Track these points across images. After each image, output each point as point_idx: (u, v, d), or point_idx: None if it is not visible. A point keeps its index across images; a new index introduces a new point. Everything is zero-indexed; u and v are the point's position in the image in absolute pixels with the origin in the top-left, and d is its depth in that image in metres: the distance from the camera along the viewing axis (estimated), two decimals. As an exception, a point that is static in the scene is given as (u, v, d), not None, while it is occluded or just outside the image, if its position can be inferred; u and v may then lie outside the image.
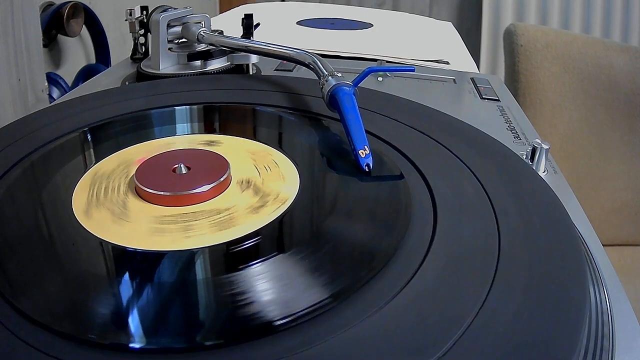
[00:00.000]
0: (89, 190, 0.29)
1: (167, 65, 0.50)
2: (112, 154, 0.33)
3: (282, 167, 0.31)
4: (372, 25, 0.80)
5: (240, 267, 0.23)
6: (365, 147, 0.30)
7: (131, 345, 0.19)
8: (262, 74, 0.53)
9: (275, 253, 0.24)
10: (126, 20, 0.55)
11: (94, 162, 0.32)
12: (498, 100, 0.50)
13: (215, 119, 0.40)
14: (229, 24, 0.63)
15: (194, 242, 0.24)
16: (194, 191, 0.27)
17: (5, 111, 0.64)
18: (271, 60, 0.53)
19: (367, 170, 0.30)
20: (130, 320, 0.20)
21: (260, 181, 0.29)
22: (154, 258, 0.24)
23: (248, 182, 0.29)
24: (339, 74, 0.37)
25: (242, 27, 0.52)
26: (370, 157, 0.30)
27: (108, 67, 0.98)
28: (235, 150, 0.33)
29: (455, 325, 0.19)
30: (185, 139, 0.35)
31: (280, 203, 0.27)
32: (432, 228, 0.25)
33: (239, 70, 0.51)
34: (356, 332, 0.19)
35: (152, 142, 0.34)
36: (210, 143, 0.34)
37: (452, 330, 0.19)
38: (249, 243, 0.24)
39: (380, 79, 0.54)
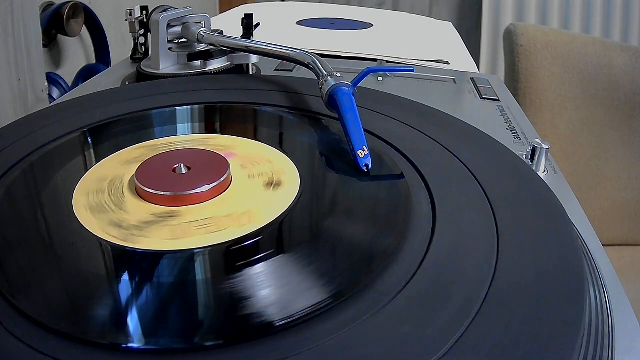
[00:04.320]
0: (89, 190, 0.29)
1: (167, 65, 0.50)
2: (113, 154, 0.33)
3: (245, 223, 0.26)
4: (372, 25, 0.80)
5: (240, 268, 0.23)
6: (364, 147, 0.30)
7: (130, 345, 0.19)
8: (262, 74, 0.53)
9: (275, 254, 0.24)
10: (126, 20, 0.55)
11: (94, 162, 0.32)
12: (498, 100, 0.50)
13: (215, 119, 0.40)
14: (229, 24, 0.63)
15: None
16: (194, 191, 0.27)
17: (5, 111, 0.64)
18: (271, 60, 0.53)
19: (365, 170, 0.30)
20: (129, 320, 0.20)
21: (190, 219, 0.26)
22: (154, 258, 0.24)
23: (169, 216, 0.26)
24: (339, 74, 0.37)
25: (242, 27, 0.52)
26: (369, 157, 0.30)
27: (108, 67, 0.98)
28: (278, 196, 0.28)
29: (454, 326, 0.19)
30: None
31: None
32: (431, 228, 0.25)
33: (239, 70, 0.51)
34: (356, 332, 0.19)
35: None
36: (274, 185, 0.29)
37: (452, 330, 0.19)
38: (248, 244, 0.24)
39: (380, 79, 0.54)
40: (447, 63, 0.61)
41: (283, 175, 0.30)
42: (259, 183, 0.30)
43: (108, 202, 0.28)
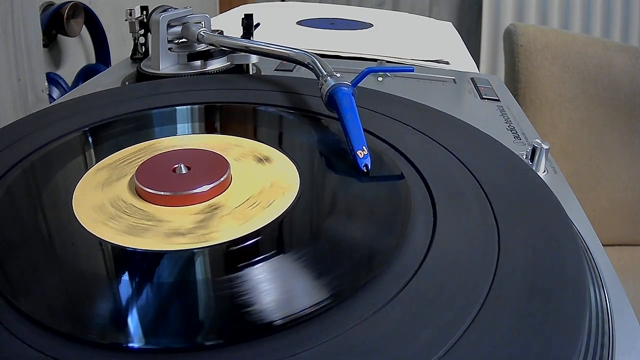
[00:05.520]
0: (89, 189, 0.29)
1: (167, 65, 0.50)
2: (113, 153, 0.33)
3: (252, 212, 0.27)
4: (372, 25, 0.80)
5: (240, 267, 0.23)
6: (364, 147, 0.30)
7: (130, 345, 0.19)
8: (262, 74, 0.53)
9: (275, 254, 0.24)
10: (126, 20, 0.55)
11: (94, 162, 0.32)
12: (498, 100, 0.50)
13: (215, 119, 0.40)
14: (229, 24, 0.63)
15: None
16: (194, 191, 0.27)
17: (5, 111, 0.64)
18: (271, 60, 0.53)
19: (365, 170, 0.30)
20: (129, 320, 0.20)
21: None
22: (154, 258, 0.24)
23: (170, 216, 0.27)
24: (338, 74, 0.37)
25: (242, 27, 0.52)
26: (369, 157, 0.30)
27: (108, 67, 0.98)
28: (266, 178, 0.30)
29: (454, 325, 0.19)
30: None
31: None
32: (431, 229, 0.25)
33: (239, 70, 0.51)
34: (355, 332, 0.19)
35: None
36: (263, 159, 0.32)
37: (452, 330, 0.19)
38: (248, 244, 0.24)
39: (380, 79, 0.54)
40: (447, 63, 0.61)
41: (283, 176, 0.30)
42: (260, 183, 0.30)
43: (108, 202, 0.28)
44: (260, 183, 0.29)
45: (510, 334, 0.19)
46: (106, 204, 0.27)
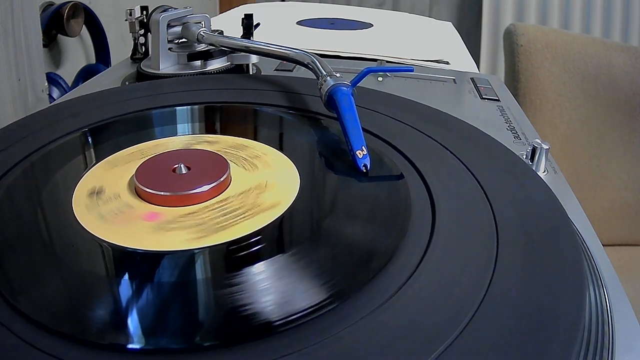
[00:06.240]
0: (89, 190, 0.29)
1: (167, 65, 0.50)
2: (113, 154, 0.33)
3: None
4: (372, 25, 0.80)
5: (240, 267, 0.23)
6: (363, 147, 0.30)
7: (130, 346, 0.19)
8: (262, 74, 0.53)
9: (275, 254, 0.24)
10: (126, 20, 0.55)
11: (94, 162, 0.32)
12: (498, 100, 0.50)
13: (215, 119, 0.40)
14: (229, 24, 0.63)
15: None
16: (194, 191, 0.27)
17: (5, 111, 0.64)
18: (271, 60, 0.53)
19: (364, 170, 0.30)
20: (129, 320, 0.20)
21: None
22: (153, 258, 0.24)
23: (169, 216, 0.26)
24: (338, 74, 0.37)
25: (242, 27, 0.52)
26: (368, 157, 0.30)
27: (108, 67, 0.98)
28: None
29: (453, 324, 0.19)
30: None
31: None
32: (430, 228, 0.25)
33: (239, 70, 0.51)
34: (354, 331, 0.19)
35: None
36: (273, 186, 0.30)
37: (450, 330, 0.19)
38: (248, 244, 0.24)
39: (380, 79, 0.54)
40: (447, 63, 0.61)
41: (282, 176, 0.30)
42: (260, 184, 0.30)
43: (108, 202, 0.28)
44: (260, 183, 0.29)
45: (508, 333, 0.19)
46: (106, 204, 0.27)
